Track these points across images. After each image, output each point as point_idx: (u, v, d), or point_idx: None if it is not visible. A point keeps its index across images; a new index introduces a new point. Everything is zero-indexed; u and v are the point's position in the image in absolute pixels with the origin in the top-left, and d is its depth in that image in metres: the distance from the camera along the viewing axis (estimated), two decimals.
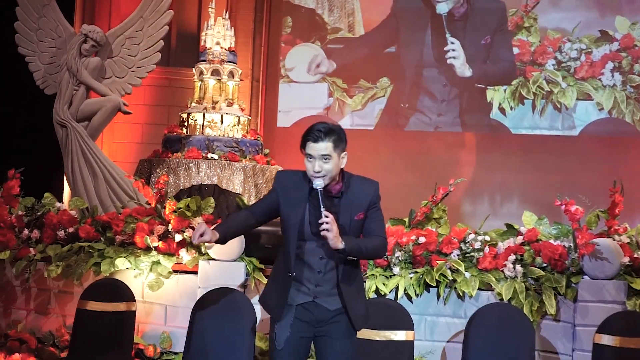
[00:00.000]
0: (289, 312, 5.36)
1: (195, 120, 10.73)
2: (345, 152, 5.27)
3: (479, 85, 12.93)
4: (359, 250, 5.27)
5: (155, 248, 7.80)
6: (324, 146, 5.15)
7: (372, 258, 5.75)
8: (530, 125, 12.82)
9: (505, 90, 12.88)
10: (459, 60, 13.00)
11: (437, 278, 7.26)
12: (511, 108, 12.86)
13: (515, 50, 12.90)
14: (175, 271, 7.78)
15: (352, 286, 5.39)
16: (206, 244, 7.47)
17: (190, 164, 10.16)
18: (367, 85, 13.40)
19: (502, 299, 7.11)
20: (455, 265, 7.28)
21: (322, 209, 5.09)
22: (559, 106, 12.69)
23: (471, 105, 13.04)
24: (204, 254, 7.68)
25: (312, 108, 13.55)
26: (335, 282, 5.31)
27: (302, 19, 13.76)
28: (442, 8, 13.10)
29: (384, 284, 7.31)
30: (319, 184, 5.15)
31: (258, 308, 7.04)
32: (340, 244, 5.10)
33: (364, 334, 6.58)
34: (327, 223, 5.05)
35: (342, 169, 5.31)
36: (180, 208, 7.98)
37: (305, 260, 5.32)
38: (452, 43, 13.02)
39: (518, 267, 7.22)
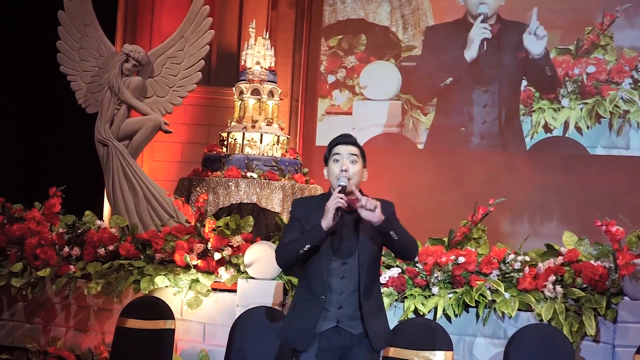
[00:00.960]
0: (313, 342, 5.25)
1: (235, 139, 10.77)
2: (366, 170, 5.36)
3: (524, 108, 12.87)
4: (398, 228, 5.22)
5: (195, 266, 7.83)
6: (353, 148, 5.29)
7: (406, 248, 5.31)
8: (607, 145, 12.73)
9: (581, 109, 12.78)
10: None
11: (476, 298, 7.22)
12: (588, 127, 12.76)
13: (592, 69, 12.77)
14: (214, 289, 7.79)
15: (373, 304, 5.32)
16: (245, 264, 7.52)
17: (230, 183, 10.19)
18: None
19: (541, 320, 7.06)
20: (494, 285, 7.25)
21: (357, 194, 5.14)
22: (636, 125, 12.59)
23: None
24: (243, 273, 7.69)
25: (386, 125, 13.55)
26: (357, 304, 5.23)
27: (376, 36, 13.77)
28: (484, 9, 13.14)
29: (422, 304, 7.28)
30: (343, 180, 5.15)
31: None
32: (382, 216, 5.10)
33: (403, 354, 6.58)
34: (371, 205, 5.08)
35: (360, 190, 5.26)
36: (220, 226, 8.01)
37: (327, 281, 5.25)
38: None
39: (558, 287, 7.17)
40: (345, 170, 5.19)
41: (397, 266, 7.50)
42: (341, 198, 5.07)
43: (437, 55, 13.45)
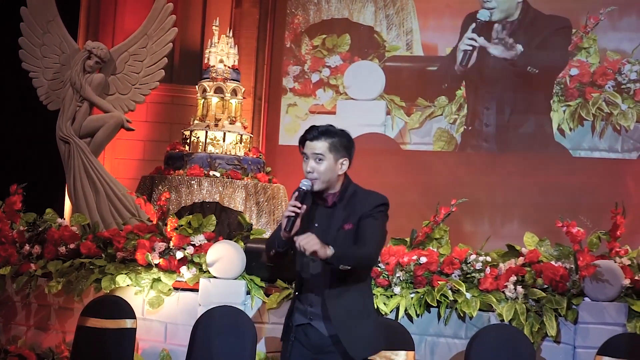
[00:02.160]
0: (290, 333, 5.24)
1: (198, 137, 10.76)
2: (345, 159, 5.08)
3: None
4: (351, 255, 4.92)
5: (156, 265, 7.79)
6: (318, 145, 5.01)
7: (364, 266, 5.13)
8: (589, 147, 12.78)
9: (564, 112, 12.82)
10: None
11: (438, 298, 7.25)
12: (570, 129, 12.81)
13: (575, 71, 12.82)
14: (176, 288, 7.76)
15: (348, 306, 5.08)
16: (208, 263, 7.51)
17: (192, 182, 10.18)
18: (425, 104, 13.39)
19: (502, 320, 7.10)
20: (456, 285, 7.27)
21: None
22: (618, 128, 12.65)
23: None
24: (205, 272, 7.68)
25: (369, 125, 13.52)
26: (331, 304, 5.08)
27: (361, 36, 13.77)
28: (484, 14, 13.16)
29: (384, 304, 7.30)
30: (305, 184, 4.99)
31: (258, 326, 7.07)
32: (327, 250, 4.74)
33: None
34: (303, 243, 4.73)
35: (347, 180, 5.16)
36: (182, 225, 7.98)
37: (301, 278, 5.21)
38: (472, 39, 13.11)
39: (519, 288, 7.20)
40: (310, 172, 5.02)
41: None
42: (294, 206, 4.90)
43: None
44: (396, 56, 13.65)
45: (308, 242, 4.72)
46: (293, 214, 4.91)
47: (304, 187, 4.98)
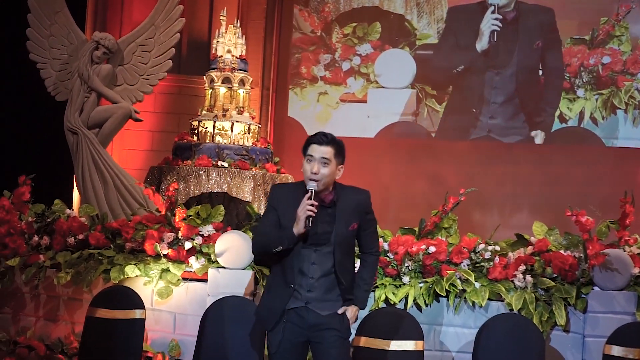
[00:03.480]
0: (280, 319, 5.51)
1: (206, 128, 10.74)
2: (342, 166, 5.54)
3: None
4: (368, 292, 5.77)
5: (165, 255, 7.80)
6: (326, 150, 5.43)
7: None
8: (623, 136, 12.72)
9: (597, 100, 12.76)
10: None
11: (447, 288, 7.25)
12: (603, 118, 12.76)
13: (607, 59, 12.74)
14: (185, 279, 7.77)
15: (349, 286, 5.63)
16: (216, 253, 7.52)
17: (201, 172, 10.16)
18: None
19: (512, 310, 7.10)
20: (465, 275, 7.27)
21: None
22: None
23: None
24: (214, 262, 7.68)
25: (401, 114, 13.49)
26: (325, 288, 5.52)
27: (391, 24, 13.68)
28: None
29: (393, 294, 7.30)
30: (312, 185, 5.38)
31: None
32: (356, 316, 5.64)
33: (374, 343, 6.59)
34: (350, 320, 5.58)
35: (335, 184, 5.55)
36: (190, 216, 7.99)
37: (298, 266, 5.49)
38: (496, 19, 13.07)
39: (528, 277, 7.20)
40: (315, 173, 5.39)
41: None
42: (311, 205, 5.32)
43: (454, 41, 13.41)
44: (427, 44, 13.56)
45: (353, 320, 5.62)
46: (312, 214, 5.34)
47: (314, 188, 5.39)
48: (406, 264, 7.42)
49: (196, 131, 10.81)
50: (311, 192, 5.36)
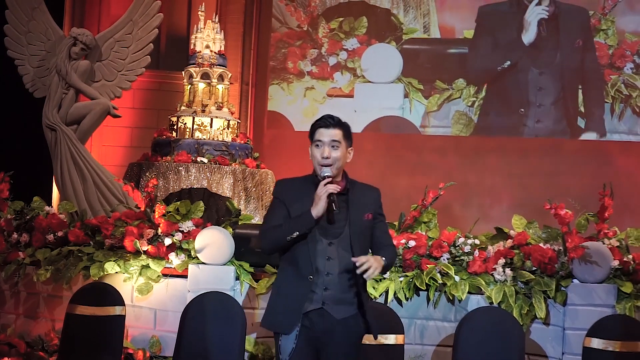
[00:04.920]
0: (296, 323, 5.14)
1: (185, 123, 10.72)
2: (352, 148, 5.27)
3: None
4: (391, 262, 5.29)
5: (145, 252, 7.78)
6: (334, 132, 5.17)
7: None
8: (609, 130, 12.78)
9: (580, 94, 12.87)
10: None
11: (427, 282, 7.26)
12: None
13: None
14: (165, 275, 7.75)
15: (361, 290, 5.24)
16: (195, 249, 7.51)
17: (180, 168, 10.15)
18: (443, 87, 13.38)
19: (492, 303, 7.12)
20: (445, 268, 7.29)
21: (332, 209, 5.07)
22: (637, 110, 12.65)
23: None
24: (194, 258, 7.67)
25: (387, 109, 13.53)
26: (343, 287, 5.14)
27: (378, 19, 13.72)
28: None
29: (374, 288, 7.30)
30: (327, 171, 5.10)
31: (248, 312, 7.06)
32: (380, 268, 5.08)
33: None
34: (370, 266, 5.00)
35: (344, 172, 5.28)
36: (170, 212, 7.97)
37: (314, 263, 5.14)
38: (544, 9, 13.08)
39: (508, 270, 7.23)
40: (326, 157, 5.14)
41: None
42: (330, 184, 5.05)
43: (490, 38, 13.41)
44: (413, 39, 13.60)
45: (373, 269, 5.02)
46: (335, 191, 5.06)
47: (327, 173, 5.10)
48: None
49: (175, 127, 10.80)
50: (327, 177, 5.07)
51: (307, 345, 5.15)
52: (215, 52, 11.06)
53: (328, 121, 5.19)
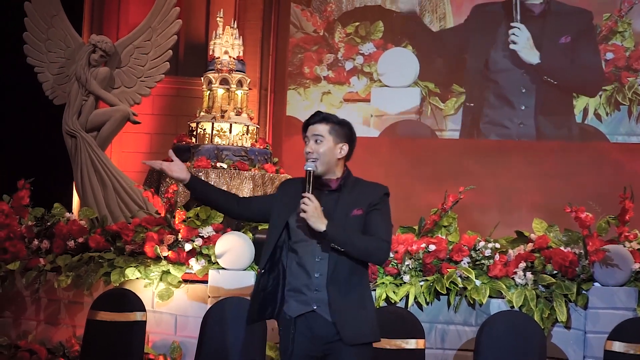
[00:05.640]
0: (289, 326, 5.06)
1: (204, 129, 10.73)
2: (345, 144, 5.12)
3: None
4: (346, 238, 4.93)
5: (165, 257, 7.80)
6: (318, 127, 5.09)
7: (364, 257, 5.04)
8: (626, 132, 12.74)
9: (600, 96, 12.79)
10: (519, 45, 12.97)
11: (447, 286, 7.25)
12: (607, 114, 12.76)
13: (610, 55, 12.75)
14: (185, 281, 7.77)
15: (348, 292, 5.00)
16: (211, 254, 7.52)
17: (200, 173, 10.15)
18: (460, 90, 13.35)
19: (512, 307, 7.10)
20: (465, 272, 7.27)
21: (306, 191, 4.93)
22: None
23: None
24: (214, 263, 7.68)
25: (404, 113, 13.51)
26: (337, 287, 4.97)
27: (394, 23, 13.70)
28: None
29: (394, 292, 7.30)
30: (309, 166, 5.00)
31: None
32: (320, 225, 4.85)
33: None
34: (305, 204, 4.88)
35: (347, 169, 5.17)
36: (190, 217, 7.98)
37: (301, 263, 5.04)
38: (516, 27, 13.00)
39: (528, 274, 7.20)
40: (310, 152, 5.06)
41: None
42: (305, 203, 4.89)
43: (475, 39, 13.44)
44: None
45: (309, 209, 4.88)
46: (304, 209, 4.89)
47: (308, 168, 4.99)
48: (406, 263, 7.42)
49: (195, 133, 10.81)
50: (308, 173, 4.97)
51: (306, 352, 5.04)
52: (234, 58, 11.07)
53: (313, 117, 5.16)
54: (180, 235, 7.85)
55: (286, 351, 5.09)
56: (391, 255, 7.44)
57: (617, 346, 6.47)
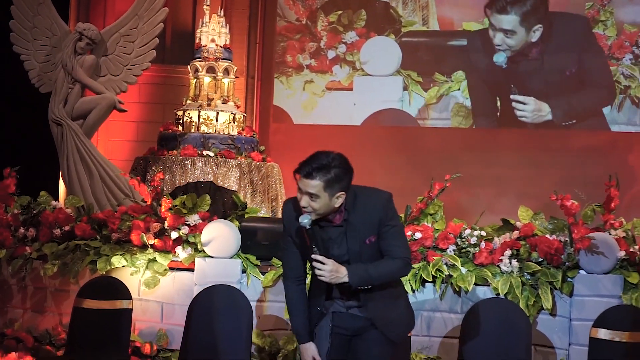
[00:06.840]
0: (326, 320, 5.17)
1: (191, 117, 10.73)
2: (342, 192, 4.90)
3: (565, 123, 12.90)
4: (369, 278, 4.95)
5: (152, 245, 7.79)
6: (312, 184, 4.83)
7: (391, 280, 5.12)
8: (610, 121, 12.72)
9: None
10: (527, 112, 13.00)
11: (433, 273, 7.26)
12: None
13: None
14: (172, 268, 7.77)
15: (377, 292, 5.08)
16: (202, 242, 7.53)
17: (186, 162, 10.16)
18: (442, 79, 13.34)
19: (498, 294, 7.12)
20: (451, 260, 7.29)
21: (314, 251, 4.90)
22: (637, 101, 12.61)
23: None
24: (201, 251, 7.68)
25: (387, 101, 13.50)
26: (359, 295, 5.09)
27: (376, 12, 13.66)
28: (500, 58, 13.08)
29: None
30: (305, 221, 4.87)
31: (254, 304, 7.07)
32: (343, 279, 4.89)
33: None
34: (319, 269, 4.89)
35: (345, 199, 4.98)
36: (176, 205, 7.98)
37: (327, 289, 5.13)
38: (520, 102, 13.05)
39: (514, 262, 7.23)
40: (304, 207, 4.90)
41: None
42: (317, 267, 4.91)
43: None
44: (412, 31, 13.54)
45: (325, 273, 4.91)
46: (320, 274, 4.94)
47: (304, 225, 4.90)
48: None
49: (181, 121, 10.80)
50: (305, 230, 4.89)
51: (342, 347, 5.20)
52: (220, 46, 11.07)
53: (305, 169, 4.85)
54: (166, 224, 7.85)
55: (322, 343, 5.19)
56: None
57: (603, 333, 6.48)
